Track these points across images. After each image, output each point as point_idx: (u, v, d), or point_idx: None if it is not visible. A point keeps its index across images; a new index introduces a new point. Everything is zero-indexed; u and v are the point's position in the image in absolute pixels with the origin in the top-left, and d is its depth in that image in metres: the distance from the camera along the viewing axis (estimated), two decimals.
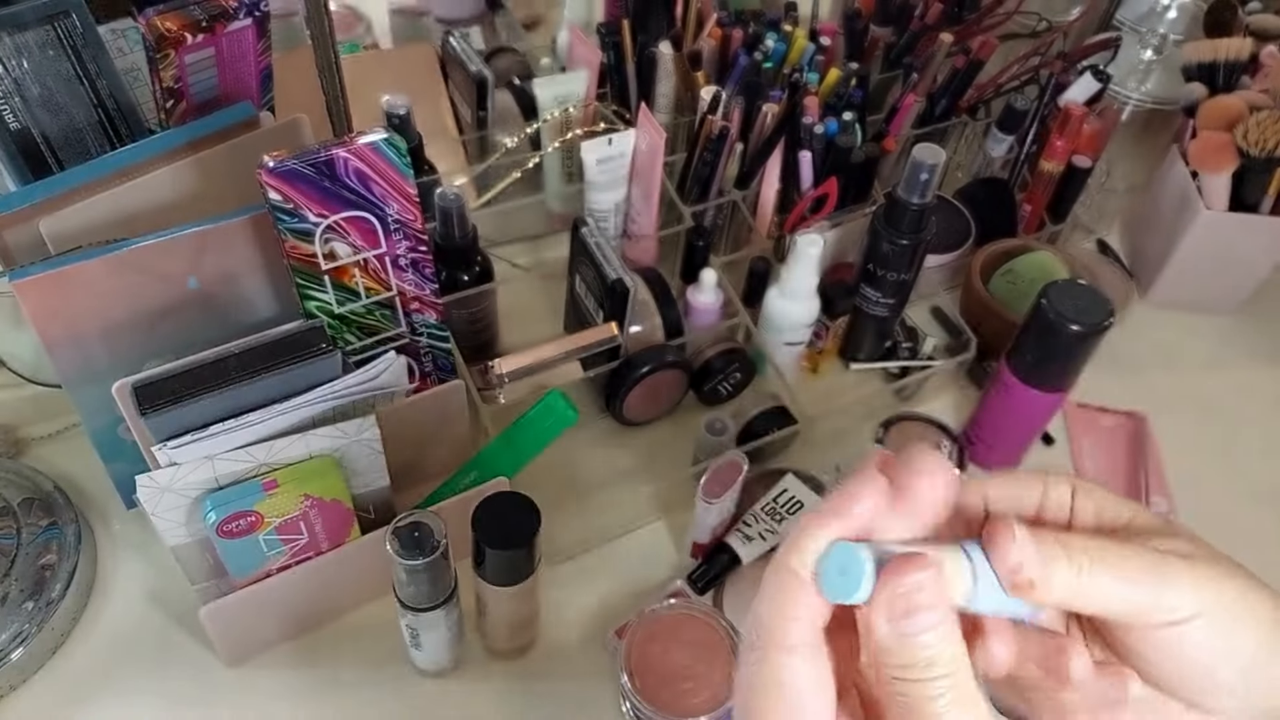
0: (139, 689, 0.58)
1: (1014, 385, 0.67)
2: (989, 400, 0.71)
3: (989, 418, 0.72)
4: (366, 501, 0.58)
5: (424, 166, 0.75)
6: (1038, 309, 0.63)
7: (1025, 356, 0.66)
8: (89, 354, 0.55)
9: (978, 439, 0.73)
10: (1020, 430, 0.72)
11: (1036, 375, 0.66)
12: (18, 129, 0.59)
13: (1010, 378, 0.67)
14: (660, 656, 0.57)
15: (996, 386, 0.70)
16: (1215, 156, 0.80)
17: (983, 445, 0.73)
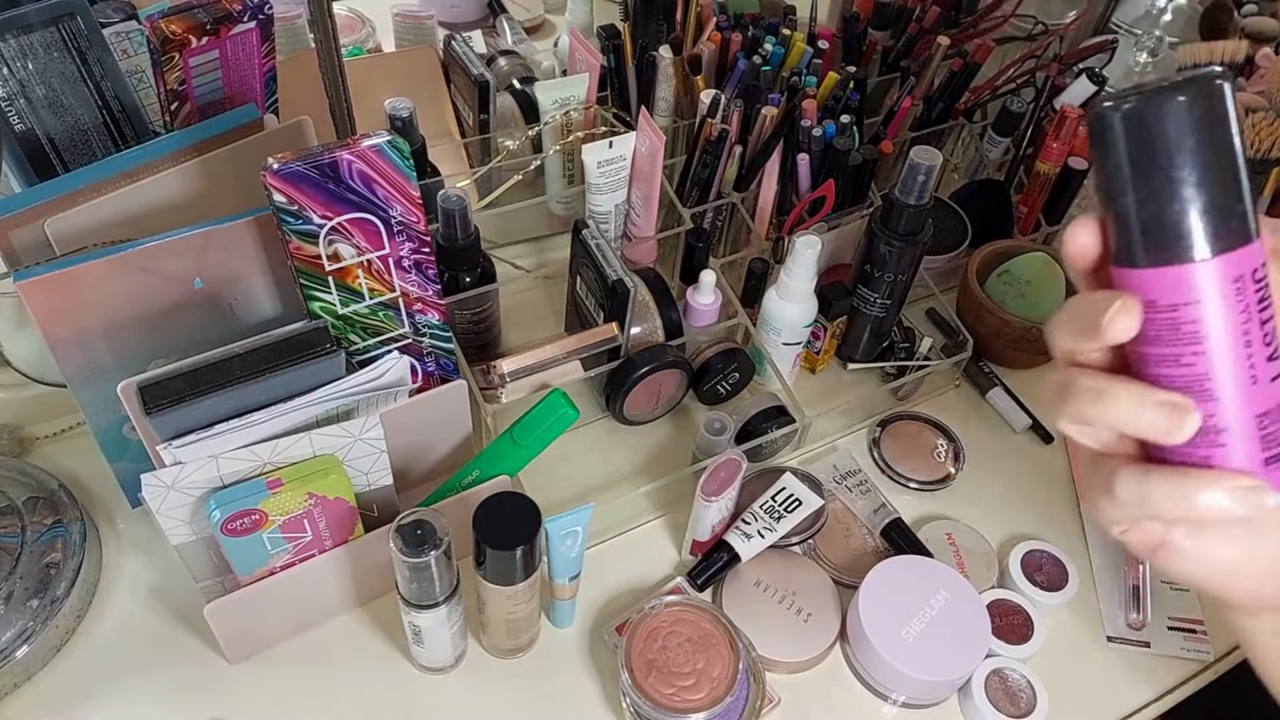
0: (143, 686, 0.58)
1: (1130, 278, 0.30)
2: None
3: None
4: (370, 500, 0.59)
5: (427, 169, 0.76)
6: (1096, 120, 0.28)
7: (1125, 212, 0.28)
8: (94, 354, 0.56)
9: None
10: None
11: (1160, 233, 0.28)
12: (23, 130, 0.60)
13: (1121, 274, 0.30)
14: (660, 653, 0.58)
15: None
16: None
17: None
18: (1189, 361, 0.28)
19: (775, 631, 0.62)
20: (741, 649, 0.58)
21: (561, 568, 0.58)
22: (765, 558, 0.64)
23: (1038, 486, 0.75)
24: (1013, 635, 0.63)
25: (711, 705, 0.56)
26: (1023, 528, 0.71)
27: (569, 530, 0.56)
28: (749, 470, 0.64)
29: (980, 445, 0.76)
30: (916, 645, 0.58)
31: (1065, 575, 0.67)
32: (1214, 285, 0.27)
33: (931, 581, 0.62)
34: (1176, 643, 0.66)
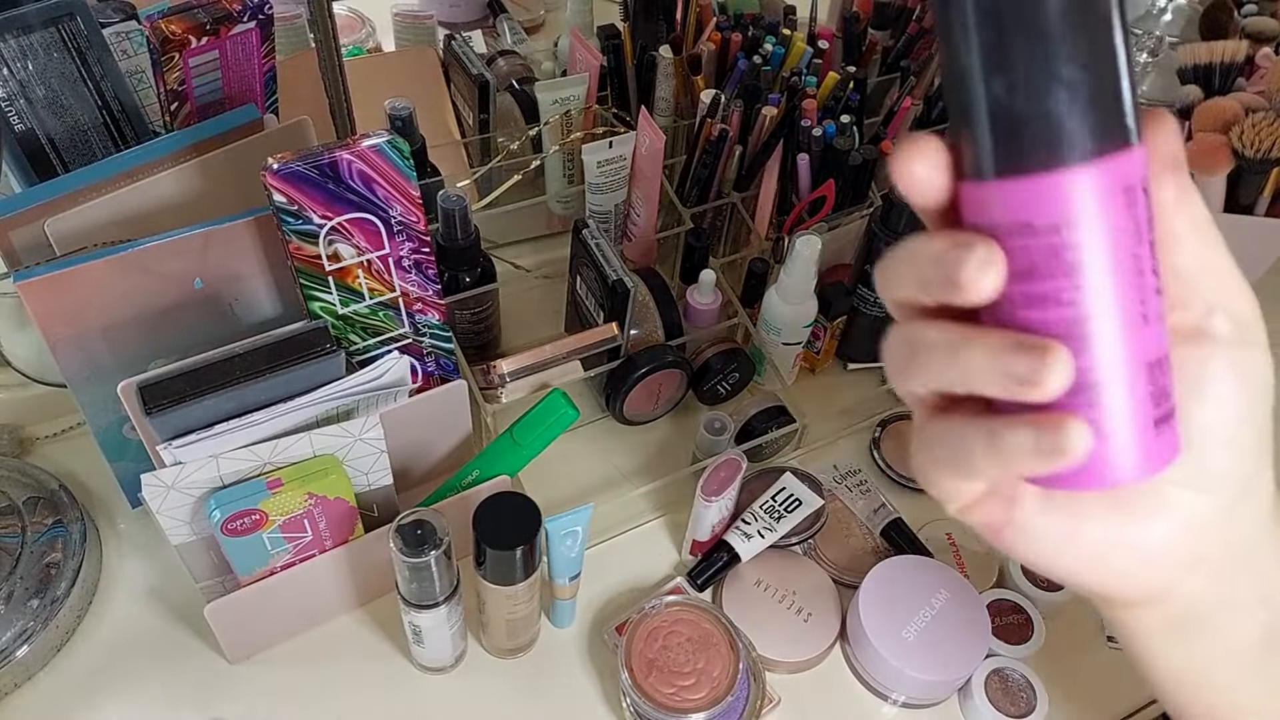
0: (143, 686, 0.59)
1: (987, 193, 0.22)
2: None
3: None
4: (370, 500, 0.59)
5: (427, 169, 0.76)
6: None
7: (977, 105, 0.21)
8: (94, 354, 0.56)
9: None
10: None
11: (1025, 131, 0.21)
12: (23, 131, 0.60)
13: (974, 190, 0.23)
14: (660, 653, 0.58)
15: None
16: (1211, 158, 0.80)
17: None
18: (1067, 299, 0.21)
19: (775, 631, 0.62)
20: (741, 649, 0.58)
21: (561, 568, 0.58)
22: (765, 558, 0.64)
23: None
24: (1013, 635, 0.63)
25: (711, 705, 0.56)
26: None
27: (569, 530, 0.56)
28: (749, 470, 0.64)
29: None
30: (916, 645, 0.58)
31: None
32: (1099, 197, 0.20)
33: (931, 581, 0.62)
34: None
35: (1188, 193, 0.22)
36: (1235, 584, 0.26)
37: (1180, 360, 0.23)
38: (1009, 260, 0.21)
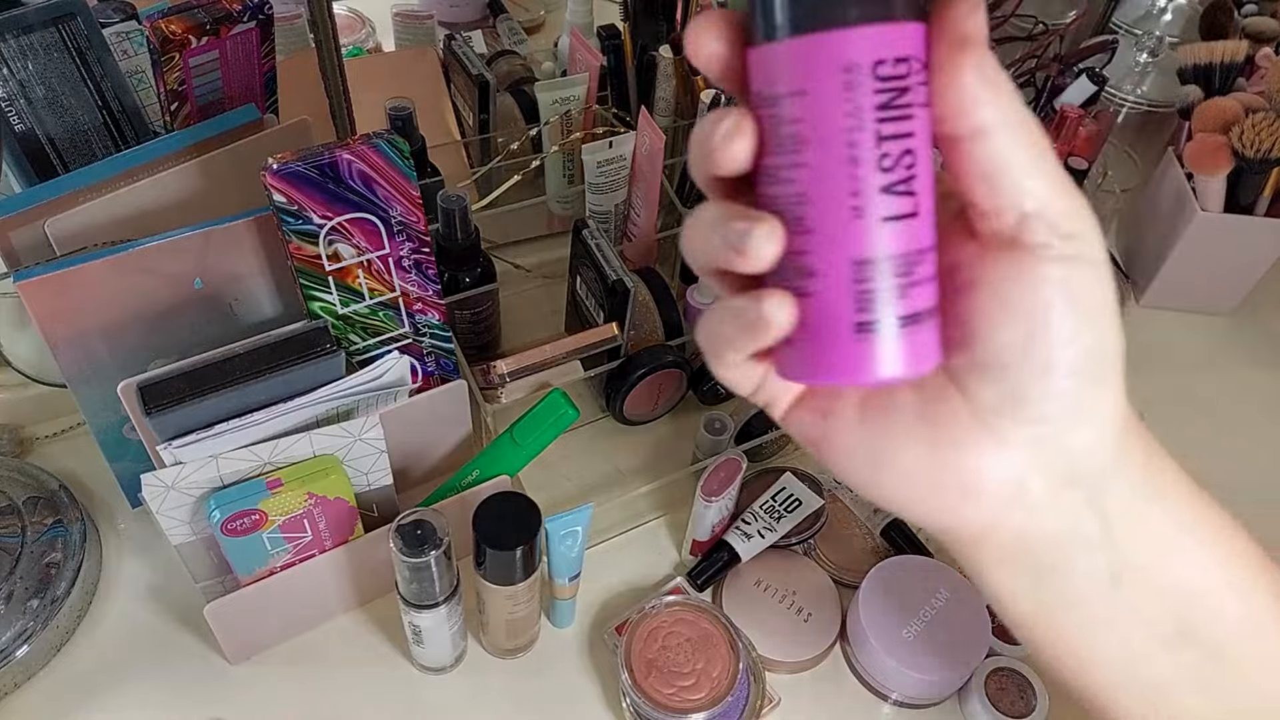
0: (143, 686, 0.59)
1: (747, 60, 0.22)
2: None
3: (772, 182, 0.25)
4: (370, 500, 0.59)
5: (427, 169, 0.76)
6: None
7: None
8: (94, 354, 0.56)
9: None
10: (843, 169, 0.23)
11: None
12: (23, 131, 0.60)
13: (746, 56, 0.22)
14: (660, 653, 0.58)
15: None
16: (1211, 158, 0.80)
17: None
18: (788, 176, 0.21)
19: (775, 631, 0.62)
20: (741, 649, 0.58)
21: (561, 568, 0.58)
22: (765, 558, 0.64)
23: None
24: (1013, 635, 0.63)
25: (711, 705, 0.56)
26: None
27: (569, 530, 0.56)
28: (749, 470, 0.64)
29: None
30: (916, 645, 0.58)
31: None
32: (810, 72, 0.19)
33: (931, 581, 0.62)
34: None
35: (994, 82, 0.19)
36: (1072, 519, 0.23)
37: (989, 273, 0.21)
38: (759, 132, 0.21)
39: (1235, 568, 0.25)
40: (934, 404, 0.23)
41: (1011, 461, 0.22)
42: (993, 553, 0.24)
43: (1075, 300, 0.21)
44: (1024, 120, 0.20)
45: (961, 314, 0.22)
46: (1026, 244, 0.21)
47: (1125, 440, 0.24)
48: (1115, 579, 0.24)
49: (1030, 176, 0.20)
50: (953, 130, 0.20)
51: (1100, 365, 0.22)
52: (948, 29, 0.19)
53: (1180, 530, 0.25)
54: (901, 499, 0.24)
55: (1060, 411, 0.22)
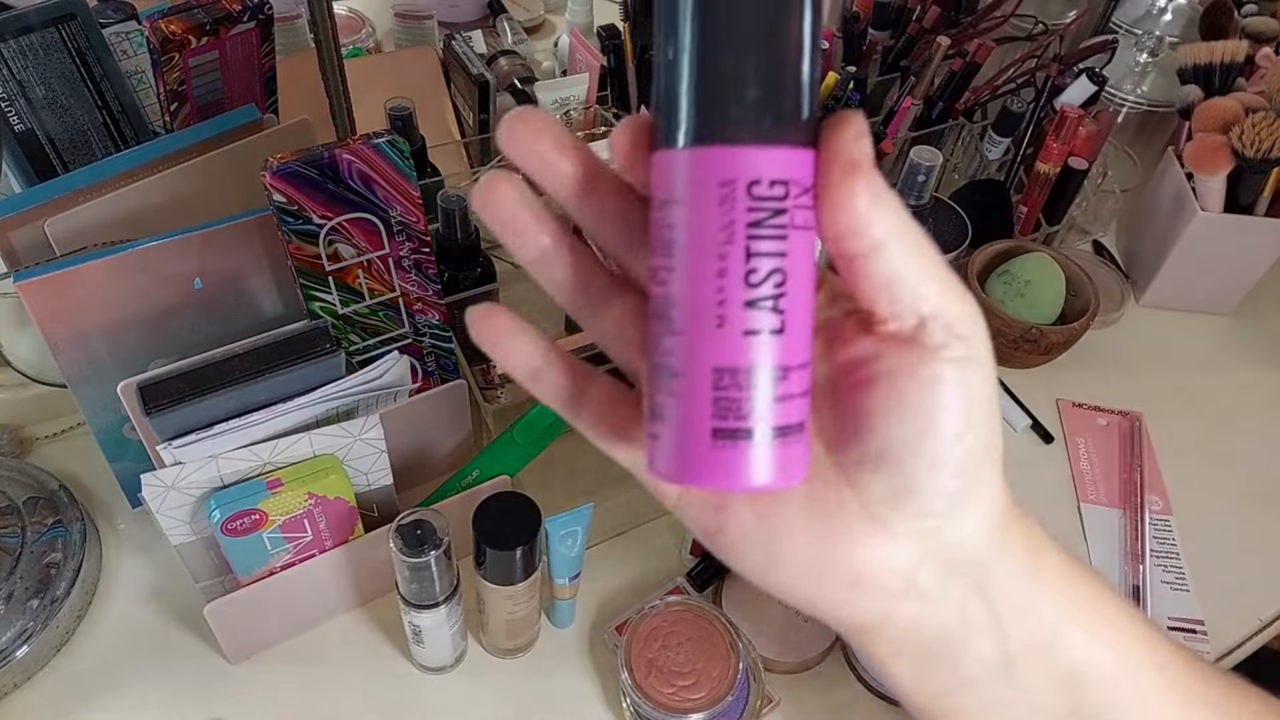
0: (143, 686, 0.58)
1: (675, 163, 0.21)
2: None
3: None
4: (370, 500, 0.59)
5: (427, 168, 0.76)
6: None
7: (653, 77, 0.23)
8: (94, 354, 0.56)
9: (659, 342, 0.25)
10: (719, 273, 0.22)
11: (663, 107, 0.21)
12: (23, 131, 0.60)
13: (669, 157, 0.22)
14: (660, 653, 0.58)
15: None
16: (1211, 158, 0.80)
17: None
18: (665, 278, 0.21)
19: (775, 632, 0.62)
20: (741, 649, 0.58)
21: (561, 567, 0.58)
22: None
23: (1037, 486, 0.75)
24: None
25: (711, 705, 0.56)
26: None
27: (569, 530, 0.56)
28: None
29: None
30: None
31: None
32: (692, 182, 0.20)
33: None
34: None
35: (884, 200, 0.20)
36: (960, 607, 0.24)
37: (888, 370, 0.22)
38: (650, 233, 0.22)
39: (1122, 646, 0.26)
40: (826, 497, 0.23)
41: (901, 553, 0.23)
42: (887, 644, 0.25)
43: (966, 399, 0.22)
44: (913, 232, 0.21)
45: (858, 409, 0.23)
46: (925, 344, 0.22)
47: (1006, 531, 0.24)
48: (1007, 664, 0.25)
49: (925, 284, 0.21)
50: (849, 249, 0.21)
51: (981, 466, 0.23)
52: (838, 156, 0.20)
53: (1066, 614, 0.25)
54: (796, 590, 0.24)
55: (944, 506, 0.23)
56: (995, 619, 0.24)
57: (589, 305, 0.24)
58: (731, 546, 0.25)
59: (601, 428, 0.25)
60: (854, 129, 0.20)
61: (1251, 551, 0.72)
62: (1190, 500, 0.74)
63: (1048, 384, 0.82)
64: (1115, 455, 0.78)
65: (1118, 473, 0.76)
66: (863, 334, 0.23)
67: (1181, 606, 0.67)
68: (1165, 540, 0.72)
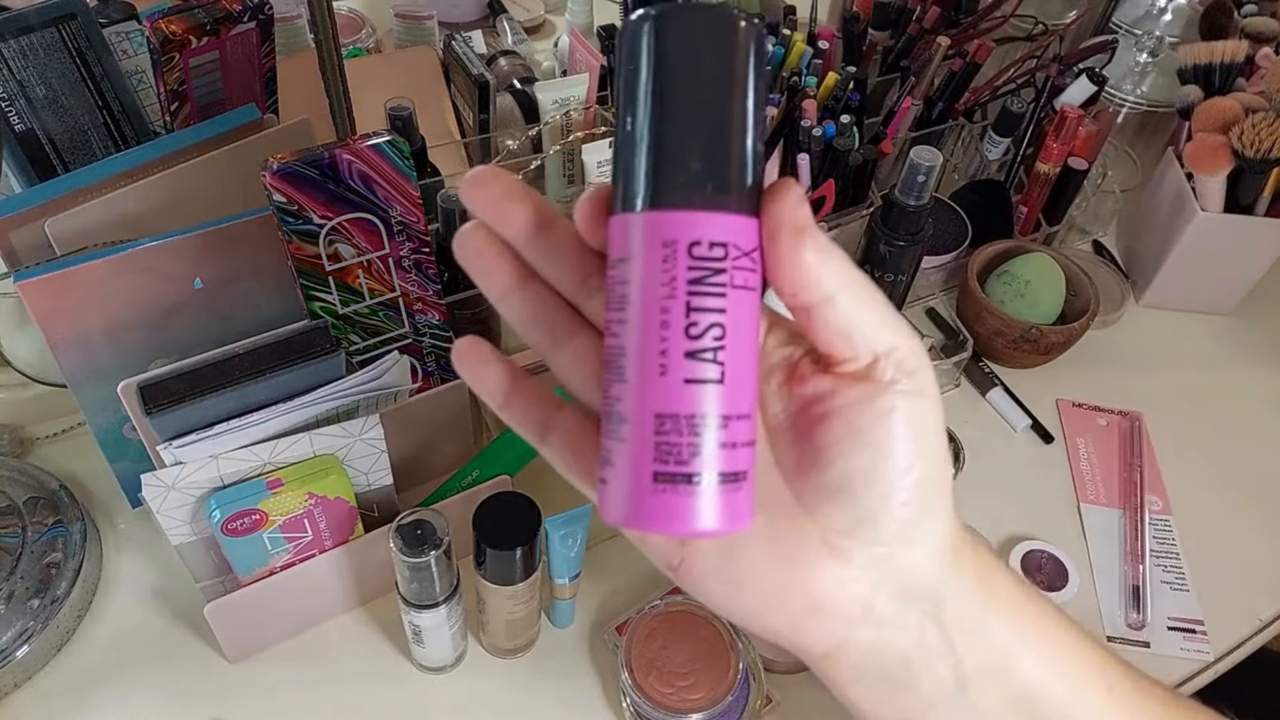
0: (143, 686, 0.59)
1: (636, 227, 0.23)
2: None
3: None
4: (370, 500, 0.59)
5: (427, 169, 0.76)
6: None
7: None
8: (94, 354, 0.56)
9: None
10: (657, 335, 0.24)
11: (619, 173, 0.24)
12: (23, 131, 0.60)
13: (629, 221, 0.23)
14: (660, 653, 0.58)
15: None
16: (1211, 158, 0.80)
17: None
18: (616, 330, 0.23)
19: None
20: (741, 649, 0.58)
21: (561, 567, 0.58)
22: None
23: (1037, 486, 0.75)
24: None
25: (711, 705, 0.56)
26: (1022, 528, 0.71)
27: (569, 530, 0.56)
28: None
29: (980, 445, 0.76)
30: None
31: (1065, 575, 0.67)
32: (640, 242, 0.22)
33: None
34: (1176, 643, 0.66)
35: (830, 254, 0.22)
36: (916, 632, 0.25)
37: (843, 404, 0.23)
38: (605, 288, 0.24)
39: (1072, 667, 0.27)
40: (786, 528, 0.25)
41: (858, 580, 0.25)
42: (847, 669, 0.26)
43: (916, 431, 0.23)
44: (861, 280, 0.23)
45: (816, 442, 0.24)
46: (878, 380, 0.23)
47: (957, 557, 0.26)
48: (962, 688, 0.26)
49: (877, 327, 0.23)
50: (804, 301, 0.23)
51: (930, 494, 0.24)
52: (783, 222, 0.22)
53: (1016, 636, 0.26)
54: (758, 618, 0.26)
55: (897, 534, 0.24)
56: (949, 643, 0.25)
57: (550, 341, 0.26)
58: (694, 579, 0.26)
59: (566, 459, 0.26)
60: (793, 196, 0.22)
61: (1251, 551, 0.72)
62: (1190, 500, 0.74)
63: (1048, 384, 0.82)
64: (1115, 455, 0.78)
65: (1118, 473, 0.76)
66: (819, 373, 0.24)
67: (1181, 606, 0.67)
68: (1165, 540, 0.72)
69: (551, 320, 0.26)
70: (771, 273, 0.23)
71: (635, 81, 0.22)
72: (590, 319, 0.26)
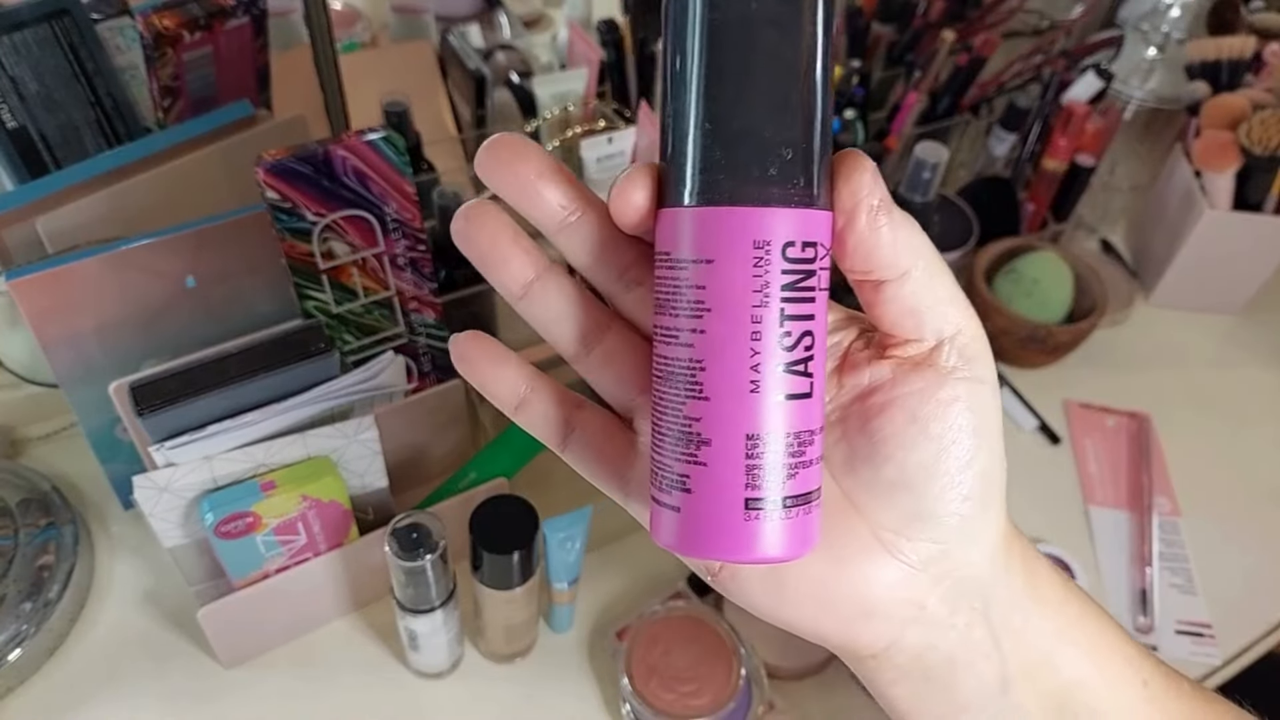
0: (136, 690, 0.58)
1: (657, 220, 0.22)
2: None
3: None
4: (365, 502, 0.58)
5: (423, 165, 0.75)
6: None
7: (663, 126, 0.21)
8: (86, 353, 0.55)
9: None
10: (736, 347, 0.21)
11: (680, 160, 0.21)
12: (15, 128, 0.59)
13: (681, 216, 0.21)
14: (661, 659, 0.57)
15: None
16: (1219, 155, 0.79)
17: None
18: (686, 340, 0.21)
19: (777, 637, 0.61)
20: (743, 655, 0.57)
21: (560, 572, 0.57)
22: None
23: (1044, 488, 0.74)
24: None
25: (713, 711, 0.55)
26: (1029, 529, 0.71)
27: (567, 534, 0.55)
28: None
29: None
30: None
31: (1072, 577, 0.66)
32: (721, 243, 0.20)
33: None
34: (1184, 646, 0.65)
35: (903, 226, 0.21)
36: (965, 632, 0.24)
37: (903, 393, 0.22)
38: (656, 290, 0.21)
39: (1110, 662, 0.26)
40: (834, 527, 0.23)
41: (911, 580, 0.23)
42: (890, 670, 0.25)
43: (978, 421, 0.22)
44: (933, 251, 0.22)
45: (873, 434, 0.22)
46: (940, 367, 0.22)
47: (1008, 553, 0.25)
48: (1005, 687, 0.25)
49: (946, 304, 0.22)
50: (879, 278, 0.21)
51: (989, 489, 0.23)
52: (862, 201, 0.20)
53: (1058, 631, 0.25)
54: (805, 622, 0.24)
55: (955, 530, 0.23)
56: (995, 642, 0.24)
57: (577, 339, 0.24)
58: (736, 584, 0.24)
59: (591, 464, 0.25)
60: (869, 171, 0.20)
61: (1260, 554, 0.71)
62: (1199, 502, 0.73)
63: (1055, 384, 0.81)
64: (1123, 457, 0.77)
65: (1125, 474, 0.75)
66: (875, 359, 0.23)
67: (1189, 610, 0.67)
68: (1173, 543, 0.71)
69: (580, 316, 0.23)
70: (846, 254, 0.21)
71: (712, 48, 0.19)
72: (626, 315, 0.24)
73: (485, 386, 0.24)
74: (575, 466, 0.25)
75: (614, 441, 0.24)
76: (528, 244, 0.22)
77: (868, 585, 0.23)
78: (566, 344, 0.24)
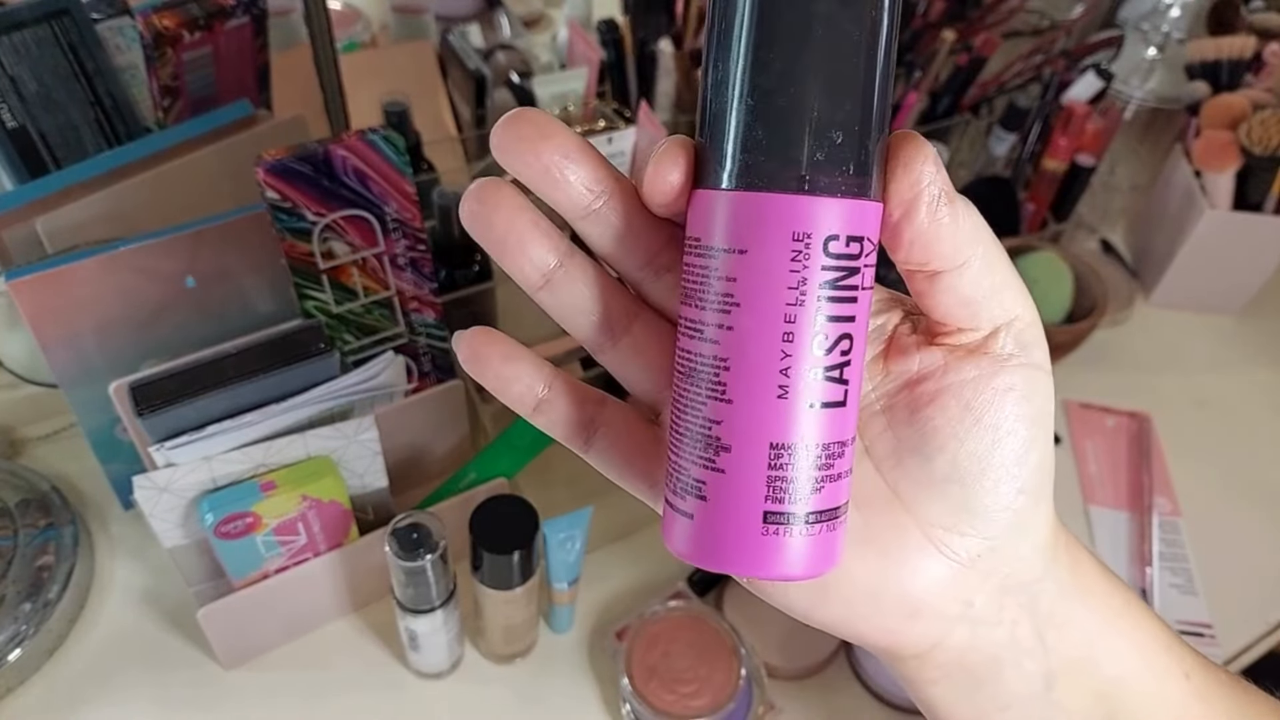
0: (136, 691, 0.58)
1: (691, 200, 0.20)
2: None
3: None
4: (365, 502, 0.58)
5: (423, 165, 0.75)
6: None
7: (701, 103, 0.20)
8: (85, 354, 0.55)
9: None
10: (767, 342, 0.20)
11: (719, 138, 0.19)
12: (14, 127, 0.59)
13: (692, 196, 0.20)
14: (661, 659, 0.57)
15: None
16: (1219, 155, 0.79)
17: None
18: (712, 336, 0.19)
19: (778, 637, 0.61)
20: (744, 655, 0.57)
21: (560, 572, 0.57)
22: None
23: None
24: None
25: (713, 712, 0.55)
26: None
27: (568, 534, 0.55)
28: None
29: None
30: None
31: None
32: (757, 232, 0.18)
33: None
34: None
35: (963, 214, 0.19)
36: (1010, 629, 0.23)
37: (956, 382, 0.21)
38: (683, 278, 0.20)
39: (1151, 653, 0.25)
40: (879, 523, 0.22)
41: (961, 578, 0.22)
42: (933, 670, 0.24)
43: (1033, 411, 0.21)
44: (991, 237, 0.20)
45: (923, 425, 0.21)
46: (995, 354, 0.21)
47: (1055, 546, 0.23)
48: (1049, 684, 0.24)
49: (1002, 291, 0.21)
50: (936, 269, 0.20)
51: (1043, 482, 0.22)
52: (923, 189, 0.19)
53: (1104, 625, 0.24)
54: (848, 623, 0.23)
55: (1006, 525, 0.22)
56: (1039, 637, 0.23)
57: (603, 330, 0.22)
58: (774, 587, 0.23)
59: (617, 464, 0.23)
60: (931, 159, 0.19)
61: (1260, 554, 0.71)
62: (1199, 502, 0.73)
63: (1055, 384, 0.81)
64: (1123, 457, 0.77)
65: (1125, 474, 0.75)
66: (925, 345, 0.21)
67: (1189, 610, 0.66)
68: (1173, 543, 0.71)
69: (606, 306, 0.21)
70: (901, 247, 0.20)
71: (764, 10, 0.17)
72: (655, 303, 0.22)
73: (499, 387, 0.22)
74: (599, 468, 0.24)
75: (640, 439, 0.23)
76: (548, 226, 0.20)
77: (915, 585, 0.22)
78: (591, 335, 0.22)
